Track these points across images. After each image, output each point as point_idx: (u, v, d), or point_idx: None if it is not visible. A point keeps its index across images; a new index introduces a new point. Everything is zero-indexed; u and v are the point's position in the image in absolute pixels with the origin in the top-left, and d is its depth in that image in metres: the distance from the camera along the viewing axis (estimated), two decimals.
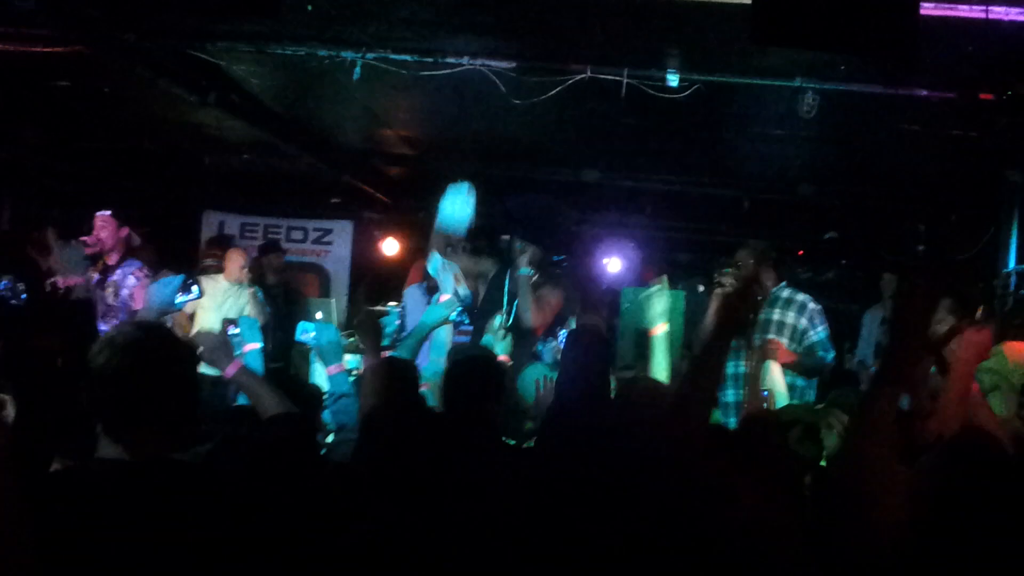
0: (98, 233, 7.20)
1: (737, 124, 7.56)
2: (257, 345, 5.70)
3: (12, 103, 7.77)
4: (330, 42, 6.50)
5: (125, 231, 7.41)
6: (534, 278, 6.69)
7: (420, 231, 9.84)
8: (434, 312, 6.10)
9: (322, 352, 5.14)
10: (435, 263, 6.96)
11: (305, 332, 5.56)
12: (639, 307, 6.18)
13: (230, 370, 4.07)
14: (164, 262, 7.76)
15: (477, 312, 7.00)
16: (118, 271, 7.24)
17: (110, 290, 7.19)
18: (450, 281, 6.91)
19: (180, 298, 5.91)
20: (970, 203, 9.30)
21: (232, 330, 6.78)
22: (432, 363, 6.28)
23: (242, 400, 4.79)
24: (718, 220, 10.84)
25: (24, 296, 4.46)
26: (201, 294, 6.23)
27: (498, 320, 6.72)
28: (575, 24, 5.88)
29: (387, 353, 7.82)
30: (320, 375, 6.16)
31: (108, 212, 7.32)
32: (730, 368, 6.25)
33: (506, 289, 6.97)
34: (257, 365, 5.39)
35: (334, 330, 5.35)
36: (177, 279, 6.06)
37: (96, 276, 7.19)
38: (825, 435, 4.06)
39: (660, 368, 5.23)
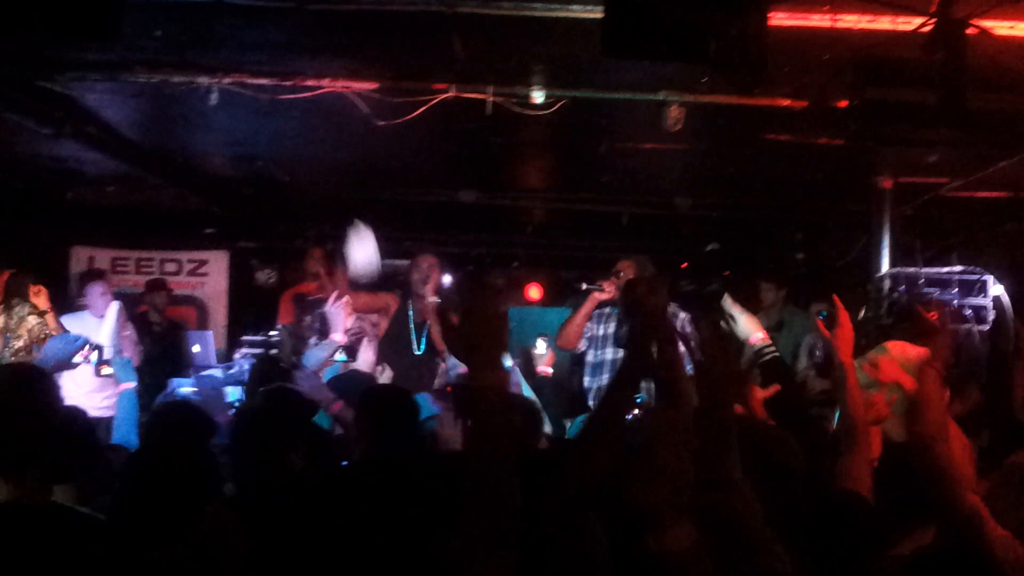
0: None
1: (608, 139, 7.50)
2: (132, 384, 5.44)
3: None
4: (184, 68, 6.27)
5: None
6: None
7: (296, 260, 9.61)
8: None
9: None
10: None
11: None
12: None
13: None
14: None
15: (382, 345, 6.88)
16: None
17: None
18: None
19: (79, 359, 5.70)
20: (844, 210, 9.41)
21: (106, 371, 6.53)
22: None
23: (117, 439, 4.63)
24: (599, 236, 10.81)
25: None
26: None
27: None
28: (436, 42, 5.73)
29: None
30: None
31: None
32: None
33: (411, 321, 7.15)
34: (132, 404, 5.14)
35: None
36: (81, 339, 5.81)
37: None
38: None
39: None
